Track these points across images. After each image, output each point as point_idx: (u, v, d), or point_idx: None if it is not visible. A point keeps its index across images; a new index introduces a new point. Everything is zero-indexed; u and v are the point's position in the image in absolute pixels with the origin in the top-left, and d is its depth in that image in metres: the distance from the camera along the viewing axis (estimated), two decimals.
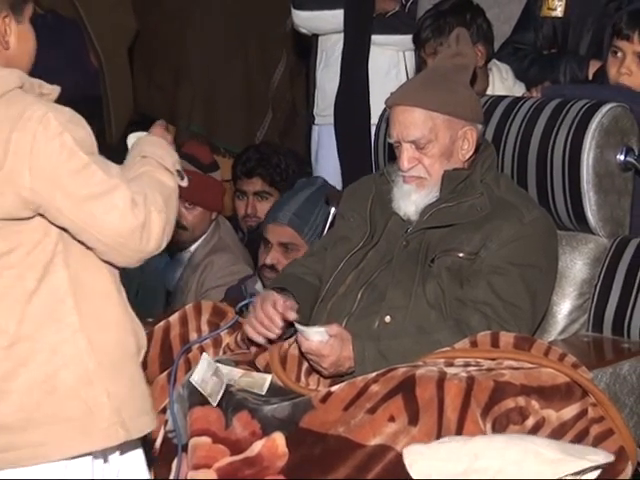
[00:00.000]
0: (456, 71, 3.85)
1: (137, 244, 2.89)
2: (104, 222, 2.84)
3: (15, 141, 2.79)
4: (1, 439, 2.89)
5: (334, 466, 3.33)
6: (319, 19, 5.72)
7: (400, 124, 3.78)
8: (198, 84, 6.47)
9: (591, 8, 4.62)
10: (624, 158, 4.00)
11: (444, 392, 3.33)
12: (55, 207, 2.83)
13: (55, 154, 2.80)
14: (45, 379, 2.88)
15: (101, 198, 2.83)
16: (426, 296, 3.70)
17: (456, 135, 3.78)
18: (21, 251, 2.86)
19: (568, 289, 4.03)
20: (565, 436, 3.29)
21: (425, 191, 3.78)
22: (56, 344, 2.89)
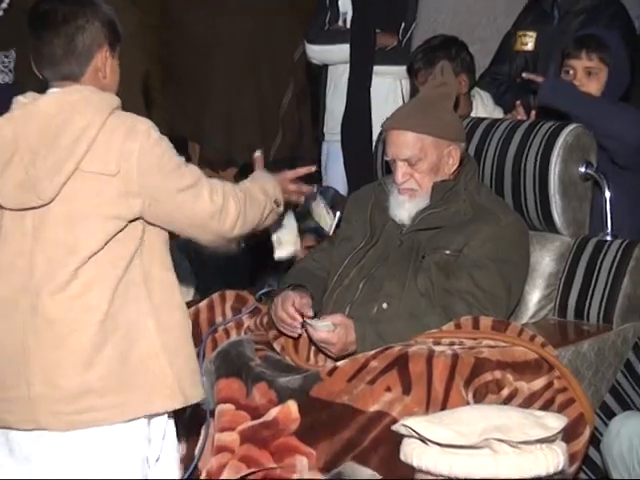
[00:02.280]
0: (441, 99, 3.85)
1: (216, 225, 3.10)
2: (193, 209, 3.06)
3: (127, 149, 2.98)
4: (85, 402, 2.96)
5: (340, 428, 3.34)
6: (329, 52, 5.74)
7: (394, 145, 3.79)
8: (219, 108, 6.40)
9: (555, 43, 4.60)
10: (584, 170, 3.99)
11: (432, 367, 3.34)
12: (156, 199, 3.00)
13: (157, 158, 3.01)
14: (121, 352, 2.99)
15: (190, 190, 3.05)
16: (417, 287, 3.70)
17: (442, 153, 3.78)
18: (117, 245, 3.00)
19: (538, 281, 4.01)
20: (534, 404, 3.28)
21: (417, 201, 3.79)
22: (131, 324, 3.02)
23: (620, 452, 3.47)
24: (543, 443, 2.28)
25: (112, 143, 2.99)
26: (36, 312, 2.97)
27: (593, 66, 4.17)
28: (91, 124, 2.99)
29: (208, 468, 3.42)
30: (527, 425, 2.29)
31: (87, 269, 2.98)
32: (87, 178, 2.98)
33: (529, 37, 4.78)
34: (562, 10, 4.71)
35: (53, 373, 2.96)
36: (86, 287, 2.98)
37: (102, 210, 2.99)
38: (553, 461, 2.29)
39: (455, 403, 3.23)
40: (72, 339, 2.96)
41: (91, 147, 2.98)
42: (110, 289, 2.99)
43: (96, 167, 2.98)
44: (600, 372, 3.76)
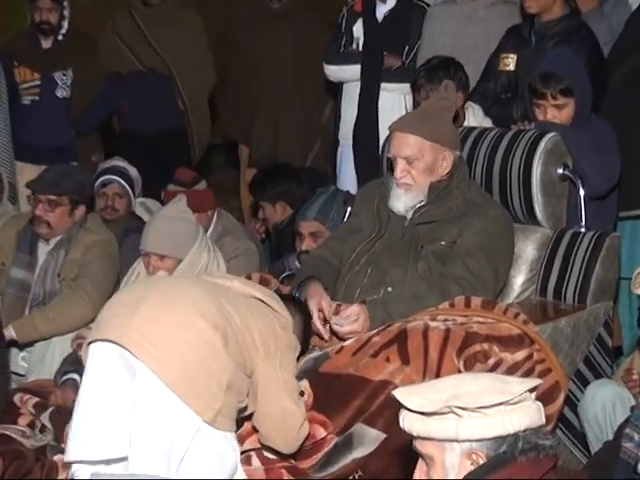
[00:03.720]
0: (441, 110, 3.87)
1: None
2: None
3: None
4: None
5: (350, 397, 3.38)
6: (343, 71, 5.75)
7: (397, 144, 3.82)
8: (267, 117, 6.47)
9: (533, 63, 4.58)
10: (562, 171, 4.00)
11: (428, 340, 3.39)
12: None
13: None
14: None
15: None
16: (418, 272, 3.73)
17: (437, 156, 3.80)
18: None
19: (522, 266, 4.02)
20: (517, 372, 3.31)
21: (412, 195, 3.81)
22: None
23: (595, 415, 3.49)
24: (502, 406, 2.30)
25: None
26: None
27: (559, 103, 4.14)
28: None
29: (239, 432, 3.38)
30: (488, 392, 2.30)
31: None
32: None
33: (510, 59, 4.77)
34: (538, 35, 4.69)
35: None
36: None
37: None
38: (512, 422, 2.30)
39: (448, 370, 3.28)
40: None
41: None
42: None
43: None
44: (575, 345, 3.77)
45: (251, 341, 3.15)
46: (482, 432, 2.30)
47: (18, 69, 6.04)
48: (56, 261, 4.59)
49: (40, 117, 5.98)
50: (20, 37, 6.30)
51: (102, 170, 5.41)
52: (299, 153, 6.38)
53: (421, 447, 2.39)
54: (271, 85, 6.40)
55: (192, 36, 6.38)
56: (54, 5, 5.96)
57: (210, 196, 5.05)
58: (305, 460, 3.37)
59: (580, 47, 4.55)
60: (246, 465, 3.39)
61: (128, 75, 6.30)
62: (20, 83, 6.04)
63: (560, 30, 4.62)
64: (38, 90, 6.00)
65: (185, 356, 2.99)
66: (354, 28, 5.80)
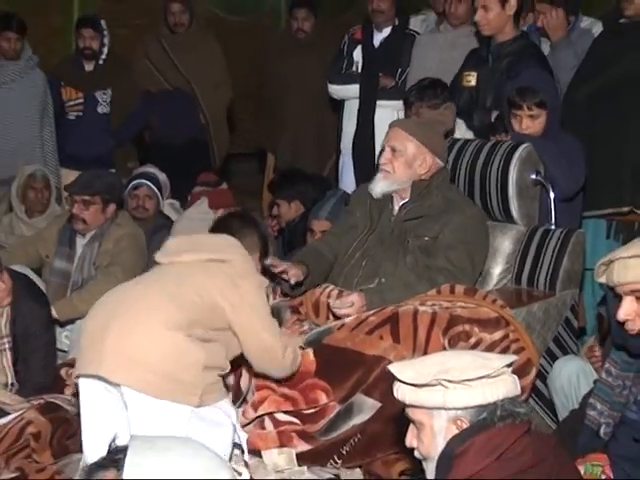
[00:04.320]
0: (437, 123, 3.89)
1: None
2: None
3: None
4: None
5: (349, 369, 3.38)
6: (344, 90, 5.75)
7: (390, 136, 3.83)
8: (290, 130, 6.47)
9: (490, 79, 4.62)
10: (535, 177, 3.98)
11: (417, 322, 3.39)
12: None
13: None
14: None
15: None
16: (407, 265, 3.71)
17: (418, 155, 3.78)
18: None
19: (499, 259, 4.00)
20: (495, 350, 3.31)
21: (388, 181, 3.80)
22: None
23: (561, 386, 3.47)
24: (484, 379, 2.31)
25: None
26: None
27: (534, 113, 4.12)
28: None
29: (252, 400, 3.44)
30: (472, 367, 2.31)
31: None
32: None
33: (471, 76, 4.75)
34: (494, 54, 4.69)
35: None
36: None
37: None
38: (492, 393, 2.31)
39: (435, 348, 3.29)
40: None
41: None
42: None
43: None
44: (546, 326, 3.76)
45: (216, 305, 3.12)
46: (466, 401, 2.31)
47: (64, 89, 6.05)
48: (91, 252, 4.62)
49: (83, 130, 5.99)
50: (66, 61, 6.32)
51: (135, 175, 5.43)
52: (317, 163, 6.39)
53: (412, 414, 2.40)
54: (295, 103, 6.40)
55: (212, 59, 6.36)
56: (95, 34, 5.98)
57: (230, 195, 5.13)
58: (312, 425, 3.38)
59: (530, 62, 4.57)
60: (260, 429, 3.40)
61: (157, 93, 6.28)
62: (66, 101, 6.06)
63: (513, 50, 4.63)
64: (82, 107, 6.01)
65: (159, 366, 2.97)
66: (354, 53, 5.82)
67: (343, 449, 3.35)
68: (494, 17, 4.61)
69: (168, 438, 2.02)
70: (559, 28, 4.74)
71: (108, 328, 3.02)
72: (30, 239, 4.95)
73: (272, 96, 6.64)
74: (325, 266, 3.85)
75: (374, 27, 5.76)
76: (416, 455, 2.45)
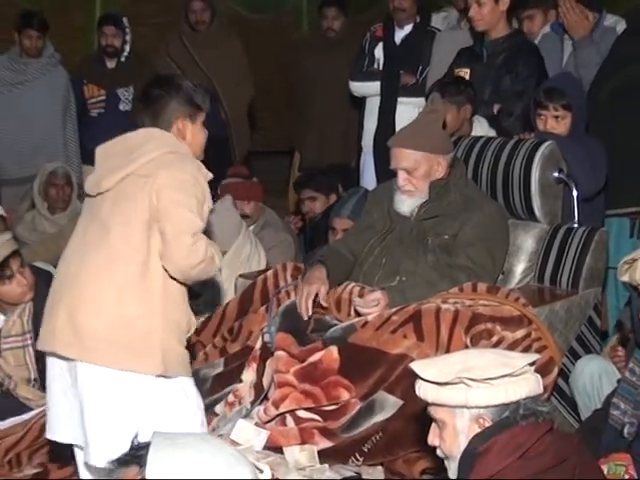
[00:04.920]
0: (431, 122, 3.78)
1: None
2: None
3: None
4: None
5: (372, 368, 3.38)
6: (366, 87, 5.76)
7: (395, 158, 3.76)
8: (316, 128, 6.50)
9: (486, 76, 4.69)
10: (557, 175, 3.96)
11: (440, 320, 3.38)
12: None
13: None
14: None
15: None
16: (428, 263, 3.69)
17: (432, 163, 3.73)
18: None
19: (522, 257, 3.98)
20: (516, 349, 3.30)
21: (414, 199, 3.76)
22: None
23: (584, 385, 3.47)
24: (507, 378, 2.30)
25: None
26: None
27: (559, 114, 4.11)
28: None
29: (273, 398, 3.44)
30: (494, 365, 2.31)
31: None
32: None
33: (465, 72, 4.80)
34: (489, 51, 4.74)
35: None
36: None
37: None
38: (515, 392, 2.30)
39: (457, 346, 3.28)
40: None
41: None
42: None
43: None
44: (569, 325, 3.74)
45: (147, 225, 2.95)
46: (488, 400, 2.30)
47: (87, 86, 6.08)
48: None
49: (105, 128, 5.95)
50: (88, 59, 6.35)
51: None
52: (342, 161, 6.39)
53: (434, 412, 2.40)
54: (322, 101, 6.43)
55: (233, 57, 6.38)
56: (117, 31, 6.01)
57: (260, 189, 5.14)
58: (334, 422, 3.39)
59: (528, 59, 4.63)
60: (281, 426, 3.41)
61: None
62: (88, 98, 6.08)
63: (507, 46, 4.70)
64: (104, 104, 6.03)
65: (111, 333, 2.90)
66: (375, 50, 5.82)
67: (364, 447, 3.35)
68: (488, 13, 4.70)
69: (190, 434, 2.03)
70: (580, 25, 4.71)
71: (59, 302, 2.99)
72: (52, 236, 4.98)
73: (299, 94, 6.67)
74: (345, 266, 3.83)
75: (395, 24, 5.76)
76: (438, 454, 2.44)
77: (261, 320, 3.72)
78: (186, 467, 1.82)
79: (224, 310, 3.92)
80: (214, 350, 3.82)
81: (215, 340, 3.86)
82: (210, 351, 3.83)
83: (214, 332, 3.89)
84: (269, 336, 3.58)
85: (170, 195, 2.93)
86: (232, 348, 3.77)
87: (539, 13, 5.29)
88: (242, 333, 3.78)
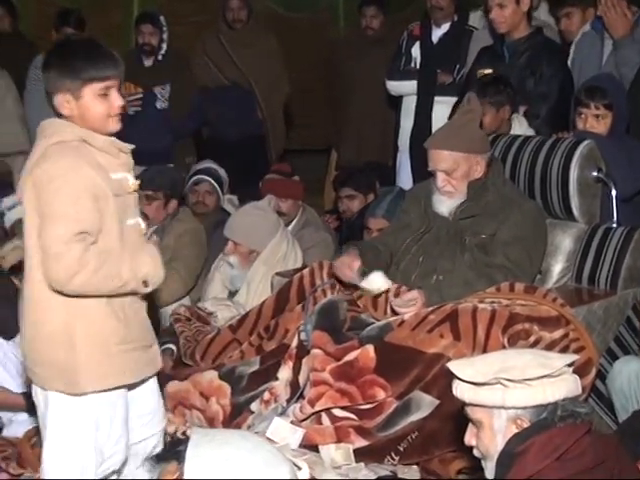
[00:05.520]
0: (468, 121, 3.77)
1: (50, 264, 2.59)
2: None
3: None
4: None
5: (409, 367, 3.38)
6: (402, 86, 5.75)
7: (434, 160, 3.75)
8: (354, 127, 6.52)
9: (509, 75, 4.64)
10: (596, 174, 3.93)
11: (477, 319, 3.37)
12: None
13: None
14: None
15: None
16: (465, 262, 3.68)
17: (471, 163, 3.72)
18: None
19: (560, 256, 3.97)
20: (554, 349, 3.28)
21: (454, 199, 3.75)
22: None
23: (621, 386, 3.44)
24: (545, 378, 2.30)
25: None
26: None
27: (600, 113, 4.08)
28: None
29: (309, 396, 3.45)
30: (532, 366, 2.30)
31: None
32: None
33: (488, 72, 4.77)
34: (510, 50, 4.73)
35: None
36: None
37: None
38: (553, 393, 2.29)
39: (494, 346, 3.27)
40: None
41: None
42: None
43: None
44: (607, 326, 3.71)
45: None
46: (526, 401, 2.30)
47: (124, 84, 6.08)
48: None
49: (142, 126, 6.00)
50: (125, 57, 6.33)
51: (196, 170, 5.47)
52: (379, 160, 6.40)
53: (471, 413, 2.39)
54: (360, 100, 6.45)
55: (270, 55, 6.39)
56: (155, 29, 6.02)
57: (301, 188, 5.14)
58: (369, 421, 3.39)
59: (552, 58, 4.61)
60: (317, 424, 3.42)
61: (215, 89, 6.32)
62: (125, 96, 6.08)
63: (529, 46, 4.69)
64: (141, 102, 6.04)
65: (34, 354, 2.68)
66: (412, 49, 5.81)
67: (400, 446, 3.35)
68: (510, 14, 4.69)
69: (229, 431, 2.04)
70: (620, 23, 4.68)
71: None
72: None
73: (337, 92, 6.68)
74: (379, 256, 3.81)
75: (433, 23, 5.75)
76: (475, 454, 2.44)
77: (297, 318, 3.73)
78: (225, 464, 1.83)
79: (260, 308, 3.94)
80: (250, 348, 3.84)
81: (251, 338, 3.88)
82: (246, 349, 3.85)
83: (250, 330, 3.91)
84: (305, 334, 3.59)
85: (42, 198, 2.59)
86: (268, 346, 3.79)
87: (577, 11, 5.25)
88: (278, 331, 3.80)
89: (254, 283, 4.35)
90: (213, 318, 4.23)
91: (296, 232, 4.85)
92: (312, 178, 7.10)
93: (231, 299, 4.42)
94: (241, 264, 4.40)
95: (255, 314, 3.93)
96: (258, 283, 4.34)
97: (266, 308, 3.91)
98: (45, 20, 6.52)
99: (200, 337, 4.03)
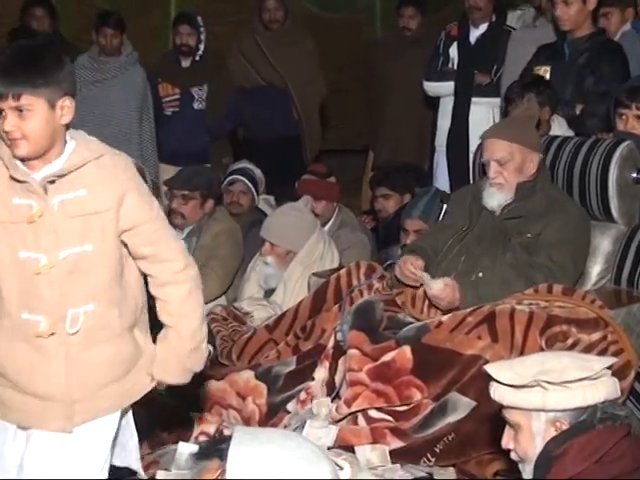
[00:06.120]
0: (526, 119, 3.82)
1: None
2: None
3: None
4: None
5: (446, 368, 3.37)
6: (440, 87, 5.76)
7: (490, 149, 3.75)
8: (391, 128, 6.52)
9: (567, 74, 4.66)
10: (636, 175, 3.90)
11: (514, 321, 3.35)
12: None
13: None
14: None
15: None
16: (506, 261, 3.67)
17: (525, 158, 3.73)
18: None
19: (599, 258, 3.93)
20: (592, 351, 3.26)
21: (504, 193, 3.74)
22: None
23: None
24: (584, 381, 2.29)
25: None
26: None
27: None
28: None
29: (345, 397, 3.44)
30: (571, 368, 2.29)
31: None
32: None
33: (545, 70, 4.75)
34: (571, 49, 4.70)
35: None
36: None
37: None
38: (592, 395, 2.29)
39: (532, 348, 3.25)
40: None
41: None
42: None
43: None
44: None
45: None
46: (566, 403, 2.29)
47: (161, 85, 6.14)
48: (189, 247, 4.63)
49: (179, 126, 6.07)
50: (163, 57, 6.42)
51: (232, 170, 5.49)
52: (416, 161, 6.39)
53: (510, 415, 2.38)
54: (397, 101, 6.45)
55: (306, 55, 6.40)
56: (192, 30, 6.04)
57: (337, 190, 5.13)
58: (405, 422, 3.38)
59: (613, 59, 4.59)
60: (353, 425, 3.42)
61: (251, 90, 6.33)
62: (163, 97, 6.14)
63: (591, 45, 4.67)
64: (178, 103, 6.08)
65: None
66: (450, 50, 5.82)
67: (437, 447, 3.34)
68: (575, 12, 4.66)
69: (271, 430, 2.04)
70: None
71: None
72: None
73: (374, 93, 6.68)
74: (429, 261, 3.81)
75: (471, 24, 5.74)
76: (512, 457, 2.43)
77: (334, 318, 3.74)
78: (267, 462, 1.83)
79: (297, 308, 3.95)
80: (287, 348, 3.86)
81: (288, 338, 3.89)
82: (283, 349, 3.87)
83: (287, 330, 3.92)
84: (342, 335, 3.58)
85: None
86: (305, 346, 3.80)
87: (616, 11, 5.22)
88: (315, 331, 3.81)
89: (291, 283, 4.37)
90: (249, 318, 4.25)
91: (332, 233, 4.86)
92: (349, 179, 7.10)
93: (267, 299, 4.43)
94: (278, 264, 4.41)
95: (292, 314, 3.95)
96: (295, 283, 4.35)
97: (303, 308, 3.93)
98: (85, 21, 6.57)
99: (237, 337, 4.05)
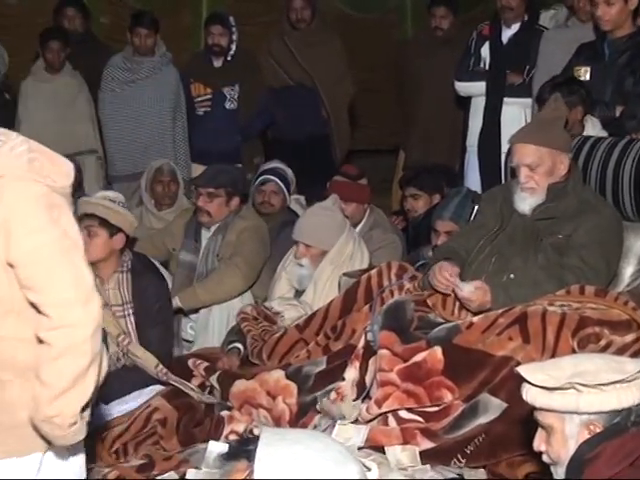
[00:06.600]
0: (554, 119, 3.76)
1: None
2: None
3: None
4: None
5: (477, 369, 3.35)
6: (471, 87, 5.74)
7: (519, 154, 3.71)
8: (422, 128, 6.51)
9: (607, 74, 4.61)
10: None
11: (546, 322, 3.33)
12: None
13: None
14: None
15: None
16: (537, 262, 3.64)
17: (556, 160, 3.69)
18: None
19: (632, 259, 3.89)
20: (625, 353, 3.21)
21: (535, 197, 3.71)
22: None
23: None
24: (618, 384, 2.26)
25: None
26: None
27: None
28: None
29: (375, 397, 3.43)
30: (605, 370, 2.27)
31: None
32: None
33: (585, 71, 4.71)
34: (611, 49, 4.66)
35: None
36: None
37: None
38: (627, 398, 2.26)
39: (563, 350, 3.23)
40: None
41: None
42: None
43: None
44: None
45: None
46: (600, 406, 2.26)
47: (193, 85, 6.17)
48: (215, 244, 4.72)
49: (211, 126, 6.09)
50: (195, 57, 6.45)
51: (263, 170, 5.48)
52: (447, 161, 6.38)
53: (542, 417, 2.36)
54: (428, 100, 6.44)
55: (334, 55, 6.40)
56: (224, 30, 6.05)
57: (369, 191, 5.10)
58: (436, 423, 3.37)
59: None
60: (383, 425, 3.41)
61: (280, 90, 6.35)
62: (195, 97, 6.17)
63: (631, 45, 4.63)
64: (210, 103, 6.11)
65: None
66: (482, 49, 5.79)
67: (467, 448, 3.32)
68: (617, 12, 4.61)
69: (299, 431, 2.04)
70: None
71: None
72: (158, 232, 5.09)
73: (405, 93, 6.68)
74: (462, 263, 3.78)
75: (503, 23, 5.72)
76: (544, 459, 2.40)
77: (364, 319, 3.73)
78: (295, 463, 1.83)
79: (328, 308, 3.95)
80: (317, 348, 3.85)
81: (318, 338, 3.89)
82: (313, 349, 3.86)
83: (317, 330, 3.92)
84: (372, 335, 3.57)
85: None
86: (335, 346, 3.79)
87: None
88: (345, 331, 3.80)
89: (321, 282, 4.35)
90: (280, 318, 4.24)
91: (364, 233, 4.84)
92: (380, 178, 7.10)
93: (297, 299, 4.43)
94: (313, 265, 4.40)
95: (322, 314, 3.94)
96: (325, 282, 4.34)
97: (333, 308, 3.92)
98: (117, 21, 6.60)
99: (267, 336, 4.05)
